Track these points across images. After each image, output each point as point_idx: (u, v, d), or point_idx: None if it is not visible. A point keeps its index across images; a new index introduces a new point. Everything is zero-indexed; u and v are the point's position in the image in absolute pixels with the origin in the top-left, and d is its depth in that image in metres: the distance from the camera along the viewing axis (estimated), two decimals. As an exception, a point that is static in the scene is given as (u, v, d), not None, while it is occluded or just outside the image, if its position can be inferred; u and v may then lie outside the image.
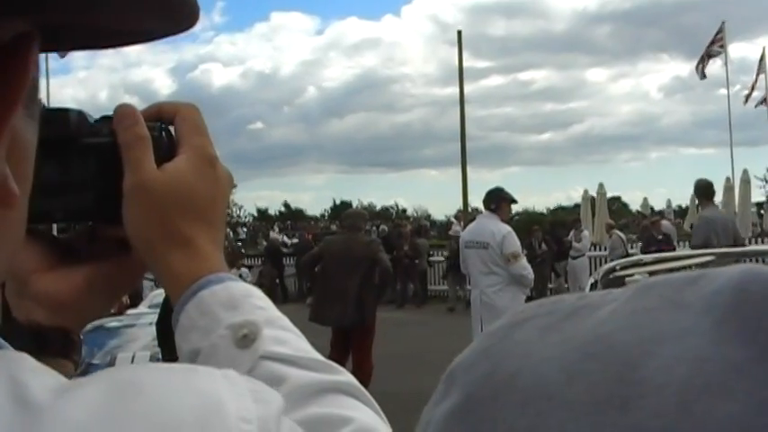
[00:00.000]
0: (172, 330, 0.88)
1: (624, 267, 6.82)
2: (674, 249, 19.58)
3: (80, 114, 0.90)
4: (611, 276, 6.52)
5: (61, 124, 0.88)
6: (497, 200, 9.79)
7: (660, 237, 19.60)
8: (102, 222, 0.93)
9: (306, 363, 0.85)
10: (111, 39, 0.87)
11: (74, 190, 0.89)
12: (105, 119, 0.91)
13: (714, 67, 34.10)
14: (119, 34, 0.85)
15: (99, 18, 0.80)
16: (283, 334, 0.87)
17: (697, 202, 13.74)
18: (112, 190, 0.89)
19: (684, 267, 15.67)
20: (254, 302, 0.88)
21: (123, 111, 0.90)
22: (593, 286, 5.97)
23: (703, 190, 11.50)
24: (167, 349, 0.90)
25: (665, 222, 23.45)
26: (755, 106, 36.30)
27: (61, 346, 0.87)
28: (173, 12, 0.84)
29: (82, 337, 0.92)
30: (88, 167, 0.89)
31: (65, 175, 0.88)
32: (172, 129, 0.94)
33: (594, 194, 29.82)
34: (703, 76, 34.28)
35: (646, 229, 21.12)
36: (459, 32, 27.17)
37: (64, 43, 0.83)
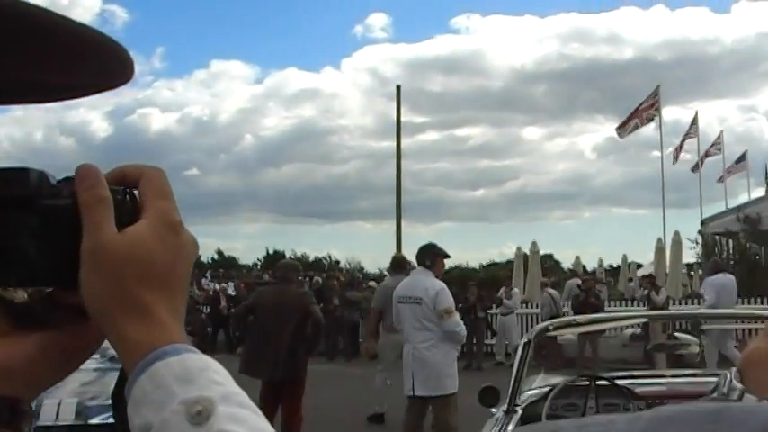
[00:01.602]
0: (125, 401, 0.84)
1: (557, 327, 6.84)
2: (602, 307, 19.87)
3: (41, 175, 0.86)
4: (544, 336, 6.54)
5: (20, 184, 0.85)
6: (432, 256, 9.85)
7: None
8: (61, 287, 0.89)
9: None
10: (47, 94, 0.85)
11: (31, 253, 0.85)
12: (67, 180, 0.88)
13: (647, 129, 34.77)
14: (55, 89, 0.84)
15: (35, 73, 0.78)
16: (240, 412, 0.82)
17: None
18: (72, 254, 0.85)
19: (617, 328, 15.76)
20: (211, 377, 0.84)
21: (84, 171, 0.87)
22: (527, 345, 5.97)
23: (394, 263, 12.98)
24: (121, 421, 0.86)
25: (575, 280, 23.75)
26: (692, 170, 37.04)
27: (9, 417, 0.84)
28: (109, 67, 0.84)
29: (33, 406, 0.88)
30: (47, 230, 0.86)
31: (22, 237, 0.84)
32: (136, 192, 0.91)
33: (527, 251, 30.03)
34: (623, 135, 34.92)
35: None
36: (398, 87, 27.48)
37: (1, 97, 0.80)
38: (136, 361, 0.83)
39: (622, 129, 34.72)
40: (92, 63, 0.86)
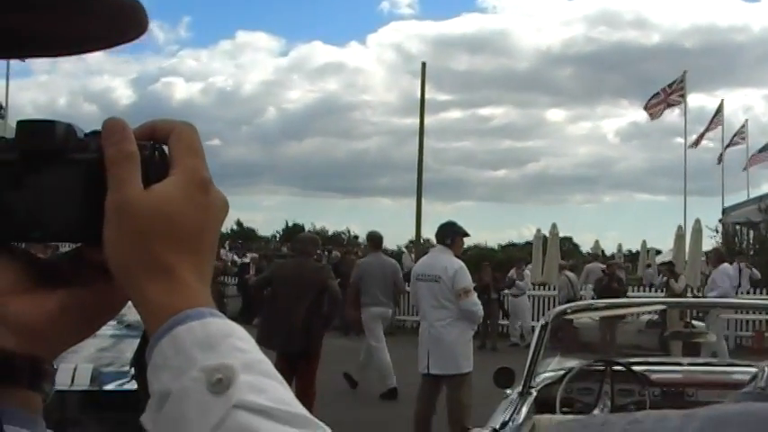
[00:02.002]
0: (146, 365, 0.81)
1: (575, 311, 6.82)
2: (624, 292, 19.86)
3: (68, 128, 0.84)
4: (561, 319, 6.52)
5: (46, 136, 0.82)
6: (452, 234, 9.83)
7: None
8: (87, 244, 0.86)
9: (283, 416, 0.77)
10: (66, 46, 0.84)
11: (57, 208, 0.82)
12: (95, 134, 0.85)
13: (672, 115, 34.58)
14: (74, 41, 0.88)
15: (46, 23, 0.78)
16: (263, 381, 0.79)
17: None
18: (98, 210, 0.82)
19: (635, 314, 15.74)
20: (235, 343, 0.80)
21: (111, 125, 0.84)
22: (544, 328, 5.96)
23: (371, 240, 14.01)
24: (142, 385, 0.82)
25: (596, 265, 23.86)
26: (718, 161, 36.87)
27: (30, 377, 0.82)
28: (120, 20, 0.86)
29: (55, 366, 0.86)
30: (73, 184, 0.83)
31: (47, 191, 0.82)
32: (166, 148, 0.88)
33: (547, 234, 29.94)
34: (654, 116, 34.69)
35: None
36: (424, 64, 27.38)
37: (13, 50, 0.79)
38: (158, 324, 0.80)
39: (652, 110, 34.48)
40: (107, 14, 0.85)
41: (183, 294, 0.82)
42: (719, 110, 37.75)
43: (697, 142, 37.07)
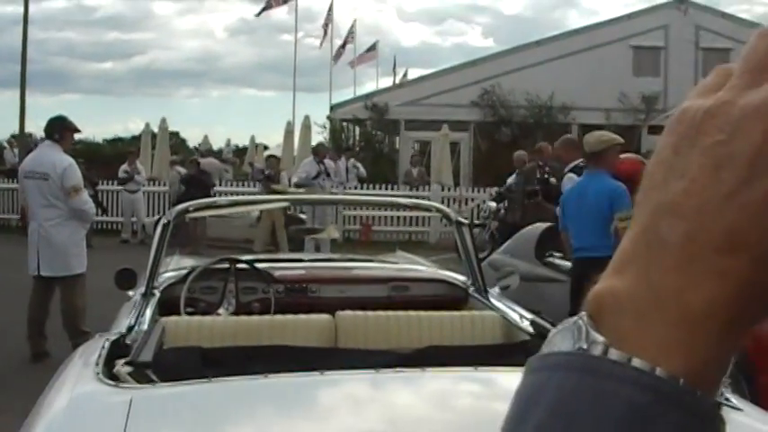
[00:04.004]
0: None
1: (197, 209, 6.68)
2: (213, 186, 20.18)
3: None
4: (184, 217, 6.34)
5: None
6: (61, 129, 9.40)
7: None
8: None
9: None
10: None
11: None
12: None
13: (279, 12, 35.17)
14: None
15: None
16: None
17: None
18: None
19: (257, 210, 15.90)
20: None
21: None
22: (166, 226, 5.74)
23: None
24: None
25: (210, 160, 24.05)
26: (321, 46, 38.09)
27: None
28: None
29: None
30: None
31: None
32: None
33: (155, 128, 29.45)
34: (261, 12, 35.19)
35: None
36: (25, -53, 25.84)
37: None
38: None
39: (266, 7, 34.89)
40: None
41: None
42: (330, 8, 38.72)
43: (322, 42, 38.09)
